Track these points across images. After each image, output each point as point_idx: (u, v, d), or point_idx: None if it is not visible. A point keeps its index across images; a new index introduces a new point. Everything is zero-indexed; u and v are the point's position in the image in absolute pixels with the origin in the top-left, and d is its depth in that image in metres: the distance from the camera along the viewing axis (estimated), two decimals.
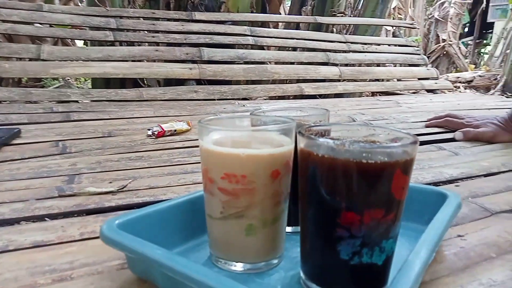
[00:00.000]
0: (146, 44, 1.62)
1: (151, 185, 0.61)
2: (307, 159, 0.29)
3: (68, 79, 3.44)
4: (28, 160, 0.73)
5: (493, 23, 7.31)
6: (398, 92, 1.99)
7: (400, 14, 6.14)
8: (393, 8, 6.01)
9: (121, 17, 1.58)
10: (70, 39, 2.19)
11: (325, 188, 0.28)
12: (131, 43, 1.57)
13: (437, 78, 2.13)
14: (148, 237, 0.33)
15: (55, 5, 2.00)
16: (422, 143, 0.99)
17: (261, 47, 1.86)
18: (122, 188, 0.58)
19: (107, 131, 0.98)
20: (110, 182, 0.61)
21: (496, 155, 0.84)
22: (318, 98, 1.75)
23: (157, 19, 1.65)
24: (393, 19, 5.29)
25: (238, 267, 0.35)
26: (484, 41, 7.74)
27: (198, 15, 1.70)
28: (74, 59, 1.36)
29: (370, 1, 2.59)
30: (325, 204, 0.29)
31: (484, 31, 7.83)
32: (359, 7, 2.67)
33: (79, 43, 2.49)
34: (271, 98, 1.67)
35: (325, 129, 0.34)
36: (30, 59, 1.37)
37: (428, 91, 2.06)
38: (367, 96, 2.08)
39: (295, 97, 1.75)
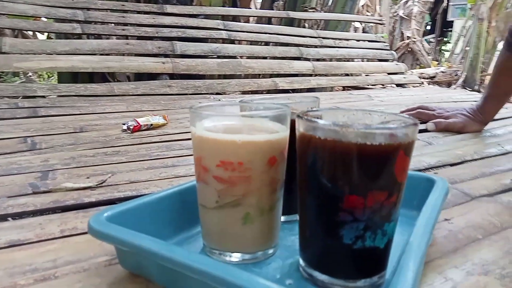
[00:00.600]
0: (116, 37, 1.57)
1: (131, 179, 0.59)
2: (307, 144, 0.29)
3: (30, 75, 3.28)
4: None
5: (453, 21, 7.62)
6: (369, 86, 2.03)
7: (368, 12, 6.28)
8: (362, 6, 6.15)
9: (88, 9, 1.52)
10: (34, 31, 2.09)
11: (327, 173, 0.28)
12: (99, 36, 1.51)
13: (405, 73, 2.19)
14: (138, 230, 0.31)
15: None
16: None
17: (234, 41, 1.85)
18: (102, 183, 0.56)
19: (79, 127, 0.93)
20: (88, 178, 0.58)
21: (467, 144, 0.87)
22: (291, 92, 1.75)
23: (126, 11, 1.59)
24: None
25: (234, 257, 0.34)
26: (445, 39, 8.06)
27: (169, 8, 1.66)
28: (39, 52, 1.30)
29: None
30: (327, 189, 0.28)
31: (444, 29, 8.16)
32: (329, 4, 2.71)
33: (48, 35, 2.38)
34: (245, 92, 1.66)
35: (320, 114, 0.33)
36: None
37: (398, 85, 2.11)
38: (338, 90, 2.12)
39: (269, 91, 1.74)
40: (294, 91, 1.81)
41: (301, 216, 0.31)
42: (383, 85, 2.09)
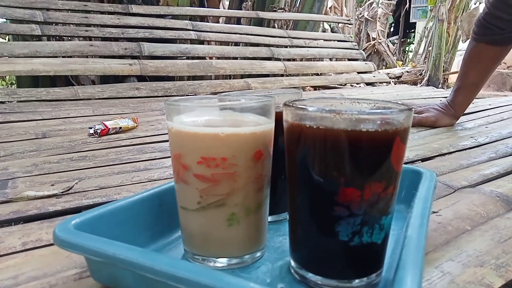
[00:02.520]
0: (79, 38, 1.50)
1: (101, 185, 0.54)
2: (297, 134, 0.26)
3: None
4: None
5: (415, 23, 7.89)
6: (340, 85, 2.05)
7: (335, 13, 6.39)
8: (329, 8, 6.25)
9: (48, 9, 1.44)
10: None
11: (320, 165, 0.26)
12: (61, 38, 1.44)
13: (373, 72, 2.23)
14: (111, 238, 0.28)
15: None
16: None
17: (204, 42, 1.81)
18: (68, 190, 0.51)
19: (41, 132, 0.87)
20: (52, 185, 0.54)
21: (442, 138, 0.88)
22: None
23: (89, 11, 1.53)
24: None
25: (219, 263, 0.31)
26: (408, 40, 8.33)
27: (135, 8, 1.60)
28: None
29: None
30: (320, 182, 0.26)
31: (407, 31, 8.43)
32: (297, 5, 2.73)
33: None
34: (217, 93, 1.63)
35: (308, 103, 0.31)
36: None
37: (367, 84, 2.14)
38: (310, 90, 2.12)
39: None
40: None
41: (292, 214, 0.29)
42: (356, 84, 2.11)
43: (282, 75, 1.83)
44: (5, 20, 1.41)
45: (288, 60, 1.93)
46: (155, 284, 0.24)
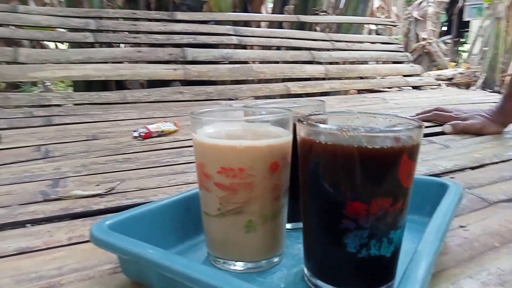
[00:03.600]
0: (128, 45, 1.59)
1: (140, 186, 0.59)
2: (308, 149, 0.28)
3: (48, 85, 3.36)
4: (10, 165, 0.70)
5: (469, 21, 7.47)
6: (384, 89, 2.00)
7: (383, 13, 6.22)
8: (377, 8, 6.11)
9: (100, 17, 1.55)
10: (48, 41, 2.13)
11: (329, 178, 0.27)
12: (111, 45, 1.53)
13: (421, 75, 2.16)
14: (141, 238, 0.31)
15: (31, 7, 1.96)
16: None
17: (245, 47, 1.85)
18: (110, 190, 0.56)
19: (91, 134, 0.94)
20: (97, 185, 0.59)
21: (486, 147, 0.84)
22: (304, 97, 1.74)
23: (138, 19, 1.61)
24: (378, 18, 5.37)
25: (238, 266, 0.33)
26: (462, 40, 7.91)
27: (180, 15, 1.67)
28: (53, 61, 1.32)
29: (351, 0, 2.62)
30: (329, 195, 0.27)
31: (461, 30, 8.00)
32: (341, 6, 2.69)
33: (55, 45, 2.42)
34: (257, 97, 1.66)
35: (323, 118, 0.32)
36: (7, 63, 1.32)
37: (413, 87, 2.07)
38: (353, 93, 2.09)
39: (282, 96, 1.74)
40: (307, 95, 1.80)
41: (305, 224, 0.31)
42: (398, 87, 2.05)
43: (323, 79, 1.82)
44: (63, 29, 1.53)
45: (330, 63, 1.92)
46: (174, 283, 0.27)
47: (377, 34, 2.79)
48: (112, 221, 0.33)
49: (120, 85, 1.71)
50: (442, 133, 1.00)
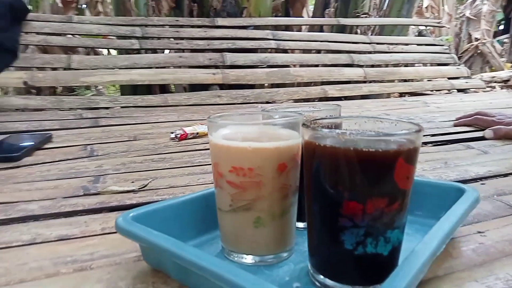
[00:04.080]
0: (171, 51, 1.66)
1: (171, 184, 0.63)
2: (310, 151, 0.30)
3: (100, 88, 3.58)
4: (58, 162, 0.77)
5: None
6: (427, 92, 1.94)
7: (433, 13, 5.98)
8: (426, 7, 5.89)
9: (146, 25, 1.64)
10: (98, 48, 2.28)
11: (328, 178, 0.29)
12: (156, 51, 1.62)
13: (468, 77, 2.07)
14: (162, 230, 0.34)
15: (84, 16, 2.10)
16: (449, 142, 0.96)
17: (284, 51, 1.87)
18: (143, 187, 0.60)
19: (133, 135, 1.01)
20: (133, 182, 0.63)
21: None
22: (342, 100, 1.73)
23: (181, 26, 1.69)
24: (426, 18, 5.18)
25: (248, 259, 0.36)
26: None
27: (220, 21, 1.73)
28: (102, 67, 1.42)
29: (395, 1, 2.56)
30: (328, 194, 0.29)
31: None
32: (384, 8, 2.64)
33: (108, 51, 2.58)
34: (294, 101, 1.67)
35: (331, 122, 0.34)
36: (63, 69, 1.43)
37: (459, 90, 1.99)
38: (395, 97, 2.05)
39: (320, 99, 1.73)
40: (345, 98, 1.79)
41: (308, 222, 0.32)
42: (447, 90, 1.98)
43: (362, 82, 1.80)
44: (112, 37, 1.63)
45: (370, 66, 1.89)
46: (186, 271, 0.30)
47: (421, 35, 2.70)
48: (136, 213, 0.36)
49: (164, 88, 1.80)
50: (482, 138, 0.96)
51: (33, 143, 0.86)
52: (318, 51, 1.93)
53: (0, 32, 1.31)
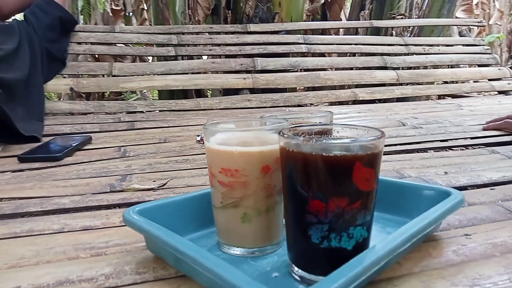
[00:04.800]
0: (205, 57, 1.74)
1: (188, 183, 0.68)
2: (283, 155, 0.34)
3: (144, 92, 3.76)
4: (94, 162, 0.85)
5: None
6: (465, 94, 1.88)
7: (484, 9, 5.69)
8: (476, 4, 5.62)
9: (182, 33, 1.72)
10: (137, 56, 2.41)
11: (296, 179, 0.32)
12: (190, 57, 1.70)
13: (511, 78, 1.97)
14: (165, 224, 0.39)
15: (125, 26, 2.24)
16: (473, 146, 0.95)
17: (315, 54, 1.89)
18: (162, 185, 0.66)
19: (163, 138, 1.08)
20: (154, 181, 0.70)
21: None
22: (376, 103, 1.72)
23: (214, 33, 1.76)
24: (476, 15, 4.94)
25: (237, 251, 0.40)
26: None
27: (252, 27, 1.78)
28: (140, 74, 1.52)
29: (435, 0, 2.49)
30: (297, 193, 0.32)
31: None
32: (424, 7, 2.57)
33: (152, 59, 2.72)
34: (324, 104, 1.69)
35: (312, 129, 0.37)
36: (105, 75, 1.55)
37: (500, 92, 1.91)
38: (431, 99, 2.00)
39: (354, 102, 1.73)
40: (379, 101, 1.78)
41: (285, 218, 0.36)
42: (484, 92, 1.91)
43: (394, 85, 1.78)
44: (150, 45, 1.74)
45: (404, 68, 1.86)
46: (178, 259, 0.35)
47: (461, 35, 2.60)
48: (141, 207, 0.42)
49: (199, 93, 1.88)
50: (511, 143, 0.94)
51: (74, 144, 0.95)
52: (354, 54, 1.93)
53: (51, 43, 1.44)
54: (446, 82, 1.95)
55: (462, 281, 0.34)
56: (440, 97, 2.11)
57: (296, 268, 0.35)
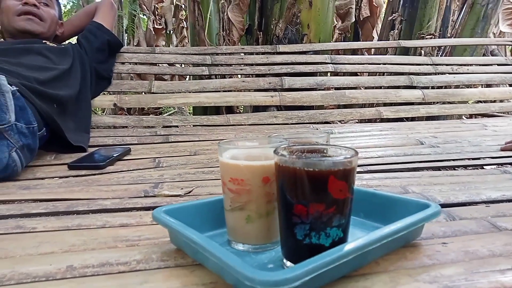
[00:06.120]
0: (236, 76, 1.86)
1: (210, 192, 0.78)
2: (277, 169, 0.42)
3: (182, 108, 3.95)
4: (132, 171, 0.97)
5: None
6: (494, 114, 1.88)
7: None
8: None
9: (216, 54, 1.86)
10: (174, 75, 2.58)
11: (285, 188, 0.41)
12: (223, 76, 1.82)
13: None
14: (185, 222, 0.48)
15: (164, 47, 2.42)
16: (485, 165, 0.99)
17: (345, 74, 1.96)
18: (188, 192, 0.76)
19: (194, 151, 1.19)
20: (181, 189, 0.80)
21: None
22: (403, 121, 1.76)
23: (246, 53, 1.88)
24: None
25: (242, 247, 0.49)
26: None
27: (282, 48, 1.88)
28: (176, 91, 1.66)
29: (469, 18, 2.49)
30: (286, 199, 0.41)
31: None
32: (457, 26, 2.58)
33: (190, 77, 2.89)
34: (348, 121, 1.75)
35: (305, 148, 0.46)
36: (145, 92, 1.70)
37: None
38: (459, 118, 2.00)
39: (382, 120, 1.77)
40: (407, 119, 1.81)
41: (278, 219, 0.44)
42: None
43: (420, 104, 1.81)
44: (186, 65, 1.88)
45: (430, 88, 1.89)
46: (194, 250, 0.44)
47: (492, 54, 2.57)
48: (167, 208, 0.51)
49: (229, 109, 2.00)
50: None
51: (116, 155, 1.08)
52: (382, 73, 1.98)
53: (99, 63, 1.61)
54: (478, 102, 1.95)
55: (424, 278, 0.41)
56: (472, 116, 2.11)
57: (285, 260, 0.43)
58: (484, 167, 0.98)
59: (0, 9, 1.47)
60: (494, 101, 2.02)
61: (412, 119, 1.87)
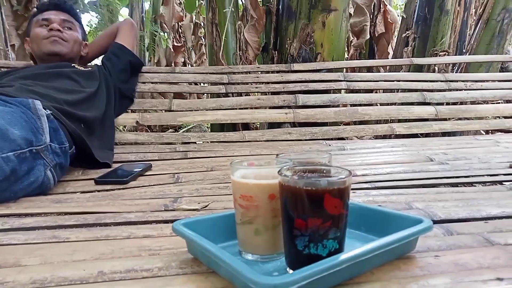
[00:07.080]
0: (252, 94, 1.93)
1: (225, 206, 0.84)
2: (280, 187, 0.48)
3: (201, 125, 4.05)
4: (153, 186, 1.05)
5: None
6: (510, 129, 1.88)
7: None
8: None
9: (233, 73, 1.94)
10: (193, 93, 2.68)
11: (287, 204, 0.47)
12: (239, 94, 1.90)
13: None
14: (202, 234, 0.55)
15: (184, 67, 2.52)
16: (492, 183, 1.01)
17: (358, 91, 2.01)
18: (205, 207, 0.83)
19: (210, 167, 1.26)
20: (199, 203, 0.86)
21: None
22: (418, 137, 1.78)
23: (262, 72, 1.96)
24: None
25: (252, 257, 0.54)
26: None
27: (296, 66, 1.95)
28: (195, 109, 1.74)
29: (484, 34, 2.51)
30: (288, 214, 0.47)
31: None
32: (472, 42, 2.60)
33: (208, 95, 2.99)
34: (361, 138, 1.79)
35: (307, 168, 0.52)
36: (165, 111, 1.79)
37: None
38: (476, 134, 2.01)
39: (397, 136, 1.80)
40: (421, 135, 1.84)
41: (282, 232, 0.50)
42: None
43: (433, 120, 1.84)
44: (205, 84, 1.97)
45: (443, 104, 1.92)
46: (208, 258, 0.50)
47: (507, 70, 2.58)
48: (185, 221, 0.58)
49: (246, 126, 2.07)
50: None
51: (138, 170, 1.16)
52: (396, 90, 2.02)
53: (122, 83, 1.72)
54: (497, 117, 1.96)
55: (413, 286, 0.46)
56: (487, 132, 2.11)
57: (288, 269, 0.48)
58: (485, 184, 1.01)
59: (30, 38, 1.61)
60: (510, 117, 2.02)
61: (427, 135, 1.90)
